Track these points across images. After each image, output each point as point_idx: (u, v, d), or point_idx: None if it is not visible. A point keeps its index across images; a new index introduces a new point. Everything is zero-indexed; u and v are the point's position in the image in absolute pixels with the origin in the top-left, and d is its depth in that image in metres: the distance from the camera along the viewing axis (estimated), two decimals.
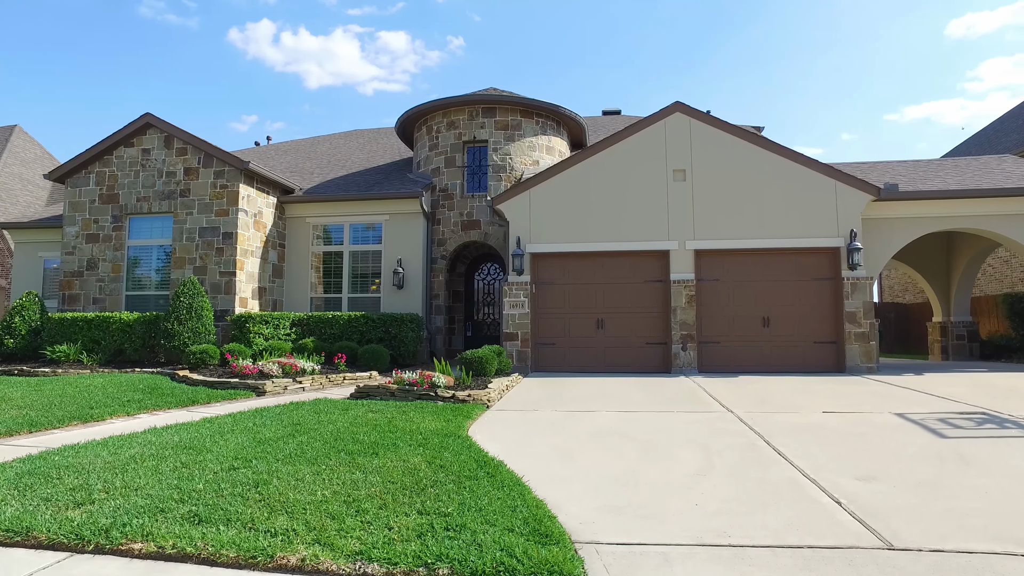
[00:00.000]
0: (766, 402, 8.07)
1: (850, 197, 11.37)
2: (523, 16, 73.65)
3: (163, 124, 13.66)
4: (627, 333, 11.94)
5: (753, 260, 11.72)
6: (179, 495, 3.93)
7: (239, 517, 3.57)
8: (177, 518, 3.57)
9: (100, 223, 13.83)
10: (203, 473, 4.43)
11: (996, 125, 21.87)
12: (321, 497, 3.92)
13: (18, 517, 3.56)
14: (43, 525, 3.46)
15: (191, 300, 11.90)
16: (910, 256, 14.57)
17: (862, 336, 11.03)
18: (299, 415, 6.86)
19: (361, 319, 12.73)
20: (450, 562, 3.04)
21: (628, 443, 5.82)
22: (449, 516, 3.63)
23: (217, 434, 5.80)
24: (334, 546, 3.23)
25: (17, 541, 3.38)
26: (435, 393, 8.13)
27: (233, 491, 4.01)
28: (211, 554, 3.18)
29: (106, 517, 3.57)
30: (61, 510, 3.72)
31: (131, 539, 3.32)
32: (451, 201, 14.84)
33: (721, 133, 11.89)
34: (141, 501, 3.84)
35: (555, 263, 12.21)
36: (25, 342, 12.45)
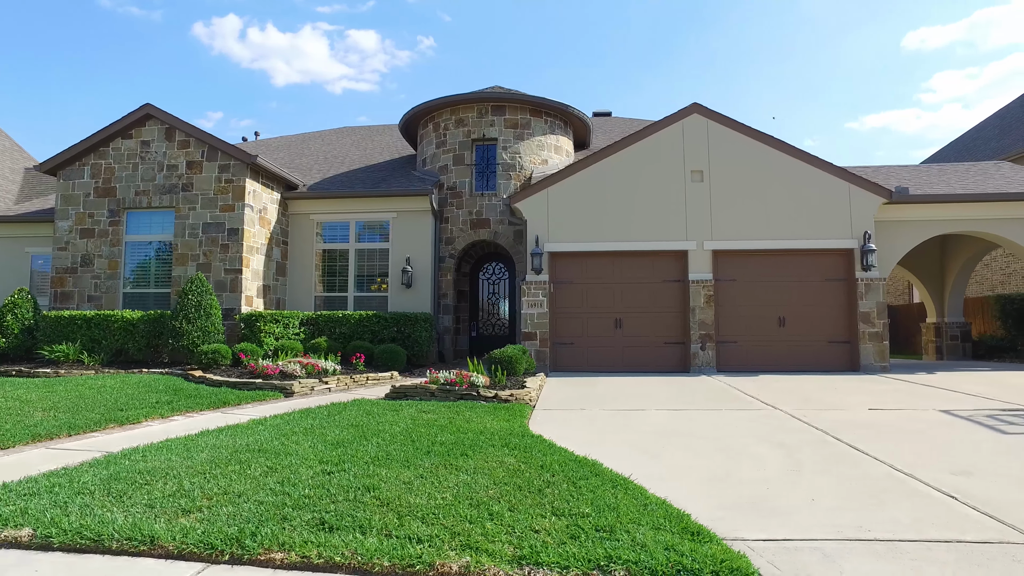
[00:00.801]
0: (806, 400, 8.18)
1: (863, 200, 11.65)
2: (493, 17, 73.55)
3: (164, 115, 13.17)
4: (645, 333, 11.99)
5: (768, 260, 11.91)
6: (291, 501, 3.75)
7: (371, 523, 3.41)
8: (305, 525, 3.39)
9: (95, 217, 13.25)
10: (299, 477, 4.24)
11: (973, 133, 22.73)
12: (442, 500, 3.79)
13: (135, 525, 3.34)
14: (166, 534, 3.25)
15: (199, 298, 11.49)
16: (905, 259, 14.98)
17: (876, 336, 11.30)
18: (351, 416, 6.66)
19: (373, 318, 12.49)
20: (624, 563, 2.95)
21: (700, 441, 5.82)
22: (588, 517, 3.54)
23: (282, 436, 5.58)
24: (490, 551, 3.11)
25: (142, 550, 3.17)
26: (477, 393, 8.01)
27: (346, 496, 3.84)
28: (363, 563, 3.02)
29: (227, 525, 3.37)
30: (172, 517, 3.50)
31: (268, 548, 3.13)
32: (459, 199, 14.69)
33: (737, 134, 12.04)
34: (253, 507, 3.64)
35: (573, 262, 12.19)
36: (18, 341, 11.84)
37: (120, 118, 13.30)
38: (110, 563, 3.07)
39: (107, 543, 3.20)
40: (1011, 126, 20.11)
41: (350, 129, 22.90)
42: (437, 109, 15.06)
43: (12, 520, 3.44)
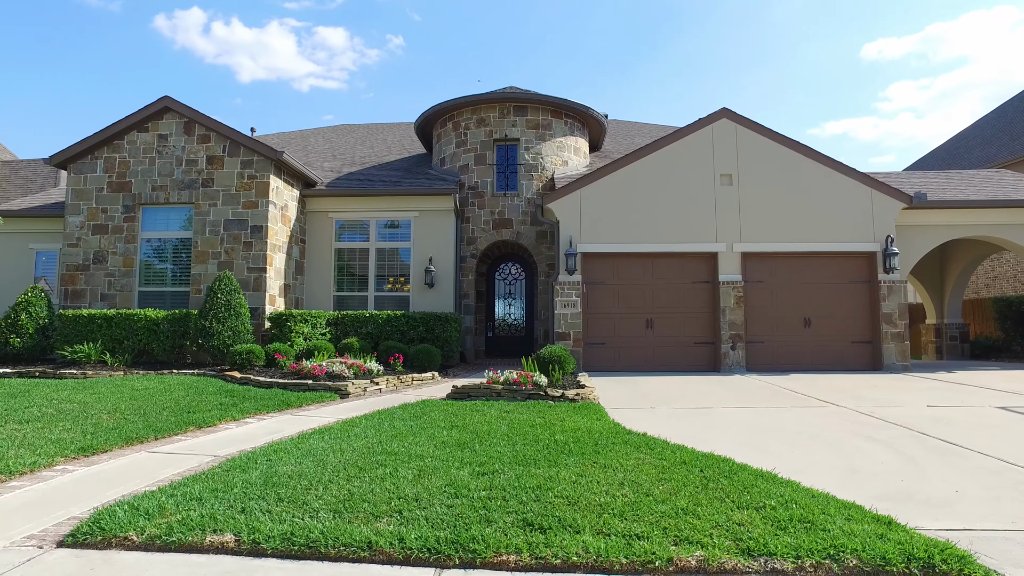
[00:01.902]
0: (857, 397, 8.46)
1: (885, 204, 12.09)
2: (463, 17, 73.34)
3: (184, 109, 12.79)
4: (676, 333, 12.19)
5: (794, 262, 12.25)
6: (479, 503, 3.71)
7: (576, 522, 3.42)
8: (510, 526, 3.38)
9: (109, 213, 12.78)
10: (459, 479, 4.20)
11: (954, 142, 23.77)
12: (623, 498, 3.82)
13: (343, 530, 3.27)
14: (382, 539, 3.20)
15: (228, 297, 11.21)
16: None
17: (898, 336, 11.75)
18: (437, 417, 6.62)
19: (401, 318, 12.37)
20: (852, 552, 3.05)
21: (796, 436, 5.98)
22: (775, 509, 3.62)
23: (392, 438, 5.51)
24: (712, 545, 3.15)
25: (362, 556, 3.11)
26: (545, 393, 8.03)
27: (528, 496, 3.84)
28: (601, 562, 3.03)
29: (433, 528, 3.34)
30: (369, 522, 3.44)
31: (497, 551, 3.12)
32: (481, 199, 14.66)
33: (764, 139, 12.35)
34: (444, 510, 3.60)
35: (605, 263, 12.31)
36: (33, 342, 11.34)
37: (136, 111, 12.87)
38: (337, 570, 3.01)
39: (322, 549, 3.14)
40: (993, 136, 21.11)
41: (350, 127, 22.59)
42: (457, 108, 15.00)
43: (206, 526, 3.34)
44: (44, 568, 3.02)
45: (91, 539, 3.27)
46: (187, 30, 68.21)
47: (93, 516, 3.47)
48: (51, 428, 6.03)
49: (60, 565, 3.03)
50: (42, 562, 3.08)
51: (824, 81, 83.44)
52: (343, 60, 73.26)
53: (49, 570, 2.98)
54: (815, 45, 71.89)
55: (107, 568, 2.99)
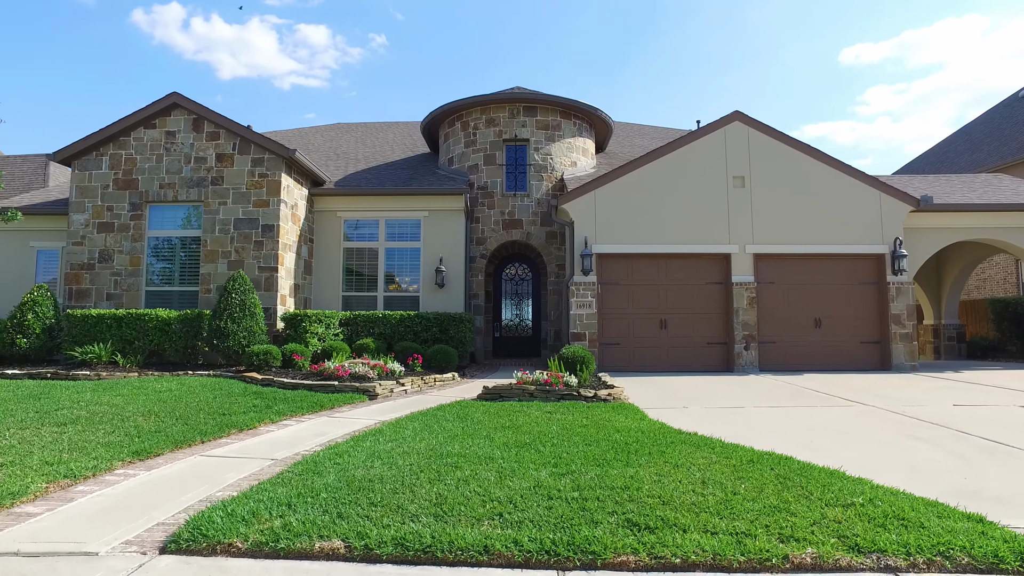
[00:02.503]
0: (881, 396, 8.62)
1: (893, 207, 12.33)
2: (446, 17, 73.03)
3: (192, 105, 12.57)
4: (689, 333, 12.31)
5: (804, 264, 12.44)
6: (569, 504, 3.72)
7: (679, 522, 3.45)
8: (617, 527, 3.39)
9: (115, 211, 12.51)
10: (537, 480, 4.19)
11: (942, 147, 24.32)
12: (713, 496, 3.85)
13: (456, 534, 3.25)
14: (498, 542, 3.19)
15: (243, 296, 11.05)
16: None
17: (906, 336, 12.00)
18: (483, 418, 6.60)
19: (415, 318, 12.31)
20: (960, 549, 3.11)
21: (843, 435, 6.07)
22: (864, 507, 3.66)
23: (451, 439, 5.49)
24: (818, 541, 3.21)
25: (481, 560, 3.09)
26: (578, 393, 8.06)
27: (617, 496, 3.85)
28: (718, 561, 3.05)
29: (540, 530, 3.34)
30: (473, 525, 3.42)
31: (616, 552, 3.13)
32: (491, 199, 14.65)
33: (776, 142, 12.52)
34: (543, 512, 3.59)
35: (619, 264, 12.38)
36: (40, 342, 11.06)
37: (143, 107, 12.62)
38: (458, 574, 2.99)
39: (438, 554, 3.12)
40: (981, 141, 21.66)
41: (348, 125, 22.39)
42: (467, 108, 14.96)
43: (311, 532, 3.30)
44: (152, 572, 2.96)
45: (195, 545, 3.21)
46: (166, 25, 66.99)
47: (191, 522, 3.40)
48: (92, 431, 5.90)
49: (173, 572, 2.97)
50: (154, 569, 3.02)
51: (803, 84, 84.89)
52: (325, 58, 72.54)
53: (166, 573, 2.92)
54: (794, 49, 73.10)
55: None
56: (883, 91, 78.40)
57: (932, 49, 72.28)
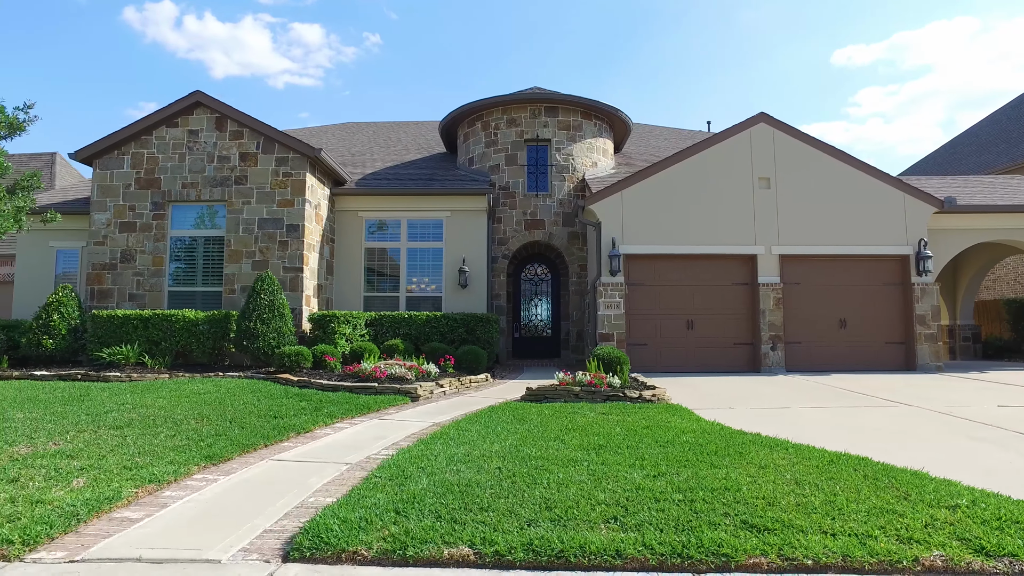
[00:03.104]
0: (920, 397, 8.67)
1: (917, 208, 12.42)
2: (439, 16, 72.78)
3: (216, 104, 12.46)
4: (715, 334, 12.34)
5: (829, 265, 12.50)
6: (679, 506, 3.69)
7: (791, 523, 3.43)
8: (736, 528, 3.36)
9: (137, 210, 12.38)
10: (635, 482, 4.15)
11: (948, 149, 24.54)
12: (814, 498, 3.83)
13: (585, 539, 3.22)
14: (630, 546, 3.17)
15: (271, 297, 10.97)
16: None
17: (931, 337, 12.09)
18: (540, 419, 6.58)
19: (441, 319, 12.26)
20: None
21: (901, 436, 6.08)
22: (970, 508, 3.65)
23: (523, 442, 5.46)
24: (938, 543, 3.20)
25: (615, 565, 3.06)
26: (623, 394, 8.06)
27: (722, 497, 3.83)
28: (848, 563, 3.03)
29: (665, 533, 3.31)
30: (590, 529, 3.39)
31: (749, 554, 3.11)
32: (513, 200, 14.62)
33: (801, 143, 12.58)
34: (657, 515, 3.55)
35: (646, 265, 12.39)
36: (66, 343, 10.92)
37: (165, 105, 12.51)
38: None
39: (572, 559, 3.09)
40: (989, 143, 21.87)
41: (359, 125, 22.28)
42: (487, 108, 14.93)
43: (434, 538, 3.26)
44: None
45: (319, 554, 3.17)
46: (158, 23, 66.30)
47: (308, 530, 3.35)
48: (153, 435, 5.82)
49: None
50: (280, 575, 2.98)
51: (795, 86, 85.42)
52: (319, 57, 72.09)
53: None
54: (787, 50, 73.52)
55: None
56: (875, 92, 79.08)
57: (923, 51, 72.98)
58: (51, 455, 5.02)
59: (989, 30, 70.97)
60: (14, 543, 3.29)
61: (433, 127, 21.25)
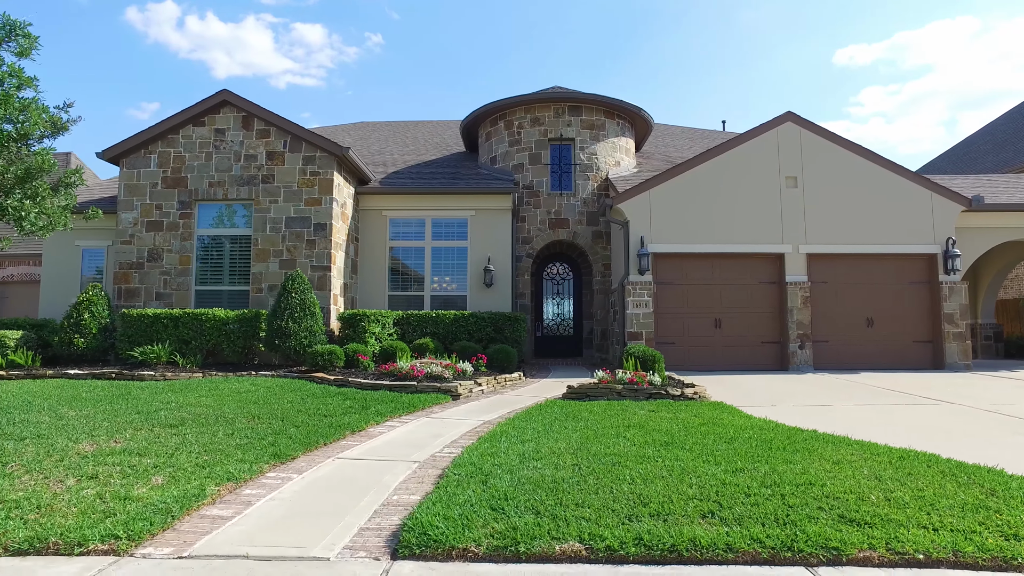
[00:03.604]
0: (959, 395, 8.66)
1: (944, 207, 12.42)
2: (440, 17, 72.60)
3: (242, 102, 12.45)
4: (743, 332, 12.34)
5: (856, 264, 12.50)
6: (771, 500, 3.69)
7: (887, 517, 3.42)
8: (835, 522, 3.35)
9: (164, 209, 12.37)
10: (717, 478, 4.14)
11: (963, 147, 24.55)
12: (904, 494, 3.81)
13: (696, 534, 3.22)
14: (742, 540, 3.16)
15: (302, 296, 10.96)
16: None
17: (959, 336, 12.09)
18: (592, 417, 6.57)
19: (469, 318, 12.26)
20: None
21: (957, 434, 6.08)
22: None
23: (587, 439, 5.45)
24: None
25: (727, 558, 3.07)
26: (666, 392, 8.05)
27: (811, 492, 3.82)
28: (959, 559, 3.03)
29: (766, 527, 3.30)
30: (689, 523, 3.38)
31: (858, 547, 3.11)
32: (537, 199, 14.62)
33: (828, 142, 12.58)
34: (749, 509, 3.56)
35: (673, 264, 12.39)
36: (96, 342, 10.91)
37: (192, 104, 12.50)
38: (713, 572, 2.97)
39: (684, 553, 3.10)
40: (1005, 141, 21.87)
41: (373, 124, 22.27)
42: (510, 107, 14.92)
43: (541, 534, 3.26)
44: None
45: (429, 551, 3.16)
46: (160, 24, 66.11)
47: (412, 528, 3.34)
48: (211, 434, 5.81)
49: (423, 575, 2.92)
50: (398, 573, 2.97)
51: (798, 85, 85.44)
52: (321, 58, 71.95)
53: None
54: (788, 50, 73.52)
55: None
56: (877, 92, 79.10)
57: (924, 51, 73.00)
58: (117, 452, 5.01)
59: (990, 30, 71.04)
60: (120, 538, 3.28)
61: (450, 126, 21.26)
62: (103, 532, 3.33)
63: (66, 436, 5.58)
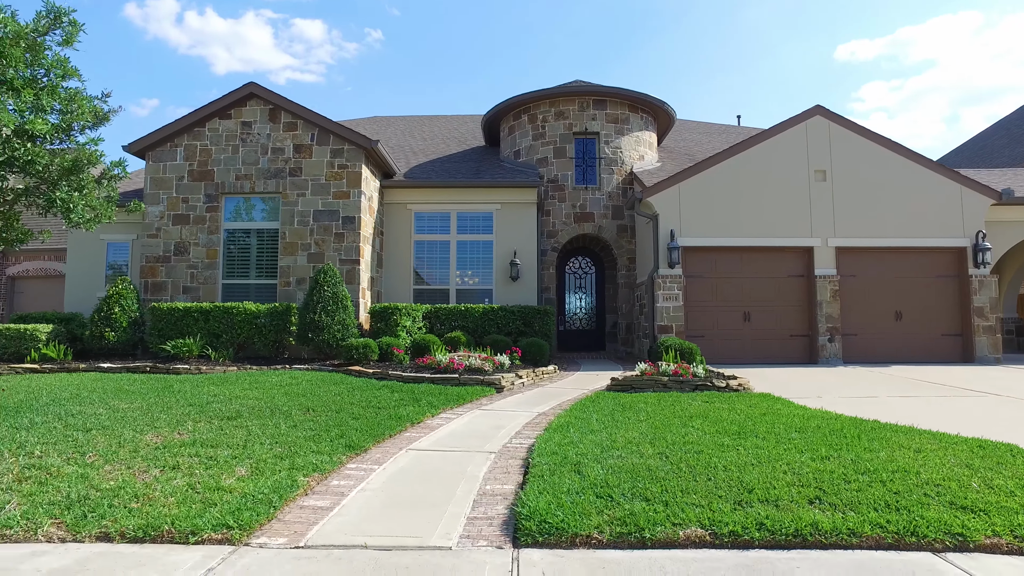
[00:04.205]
0: (1003, 388, 8.65)
1: (974, 200, 12.42)
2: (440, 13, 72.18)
3: (269, 95, 12.37)
4: (772, 325, 12.34)
5: (885, 257, 12.50)
6: (872, 488, 3.67)
7: (997, 504, 3.42)
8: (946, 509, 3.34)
9: (190, 203, 12.29)
10: (813, 466, 4.12)
11: (978, 141, 24.56)
12: (1008, 481, 3.81)
13: (812, 518, 3.21)
14: (866, 526, 3.15)
15: (334, 289, 10.91)
16: None
17: (989, 329, 12.10)
18: (649, 408, 6.54)
19: (499, 311, 12.22)
20: None
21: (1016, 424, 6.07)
22: None
23: (657, 428, 5.42)
24: None
25: (852, 543, 3.06)
26: (711, 383, 8.04)
27: (908, 479, 3.80)
28: None
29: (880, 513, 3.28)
30: (800, 509, 3.36)
31: (985, 534, 3.10)
32: (561, 192, 14.57)
33: (856, 136, 12.55)
34: (855, 495, 3.52)
35: (703, 257, 12.37)
36: (127, 335, 10.85)
37: (219, 97, 12.41)
38: (839, 557, 2.94)
39: (808, 537, 3.08)
40: (1021, 136, 21.88)
41: (386, 119, 22.17)
42: (534, 101, 14.87)
43: (662, 521, 3.23)
44: (537, 567, 2.87)
45: (552, 539, 3.13)
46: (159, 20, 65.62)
47: (528, 516, 3.31)
48: (273, 426, 5.76)
49: (555, 566, 2.89)
50: (530, 562, 2.94)
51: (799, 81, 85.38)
52: (321, 53, 71.51)
53: (554, 568, 2.84)
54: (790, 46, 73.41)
55: (619, 568, 2.86)
56: (879, 87, 79.09)
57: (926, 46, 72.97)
58: (188, 444, 4.97)
59: (992, 25, 71.02)
60: (232, 527, 3.25)
61: (465, 121, 21.18)
62: (213, 521, 3.30)
63: (130, 428, 5.55)
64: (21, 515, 3.40)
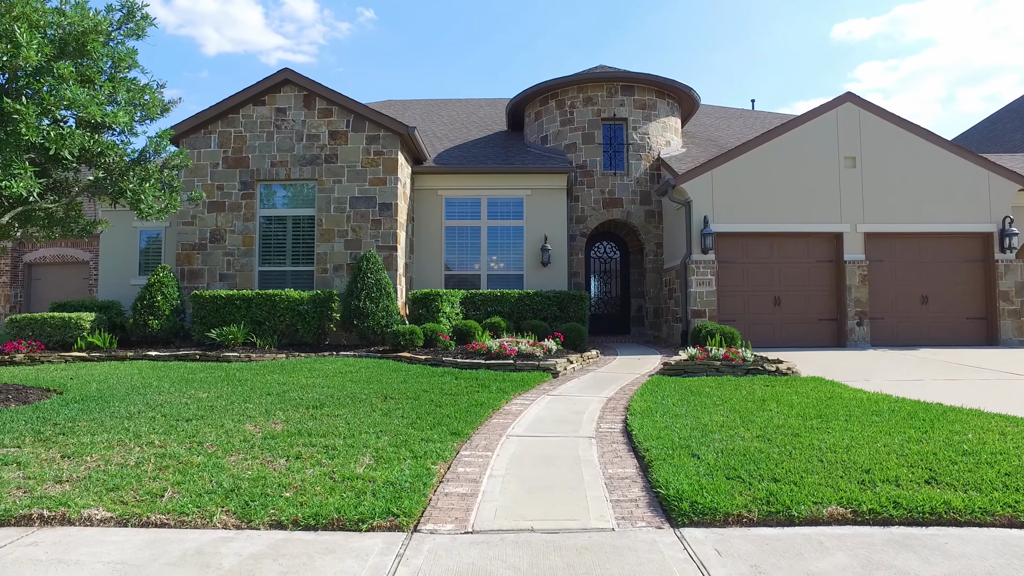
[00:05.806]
0: None
1: (1001, 186, 12.66)
2: None
3: (304, 81, 12.34)
4: (802, 310, 12.59)
5: (912, 242, 12.75)
6: (975, 468, 3.88)
7: None
8: None
9: (225, 190, 12.31)
10: (905, 448, 4.35)
11: (987, 124, 24.79)
12: None
13: (945, 498, 3.43)
14: (997, 505, 3.38)
15: (377, 276, 11.03)
16: None
17: (1014, 313, 12.42)
18: (711, 391, 6.76)
19: (535, 296, 12.39)
20: None
21: None
22: None
23: (735, 413, 5.63)
24: None
25: (985, 520, 3.28)
26: (762, 367, 8.28)
27: (1011, 460, 4.03)
28: None
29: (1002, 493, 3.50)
30: (932, 488, 3.58)
31: None
32: (590, 178, 14.68)
33: (886, 122, 12.71)
34: (968, 476, 3.75)
35: (734, 243, 12.56)
36: (170, 323, 10.94)
37: (253, 83, 12.36)
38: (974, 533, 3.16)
39: (944, 516, 3.29)
40: None
41: (401, 103, 22.06)
42: (562, 87, 14.90)
43: (803, 500, 3.43)
44: (705, 544, 3.07)
45: (706, 518, 3.34)
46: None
47: (679, 496, 3.51)
48: (365, 413, 5.91)
49: (721, 544, 3.09)
50: (695, 539, 3.14)
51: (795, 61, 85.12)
52: (313, 33, 70.43)
53: (722, 545, 3.03)
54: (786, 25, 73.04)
55: (780, 544, 3.07)
56: (875, 67, 78.99)
57: (924, 25, 72.81)
58: (293, 434, 5.07)
59: (991, 3, 70.94)
60: (398, 515, 3.41)
61: (482, 104, 21.14)
62: (379, 509, 3.45)
63: (225, 418, 5.67)
64: (190, 503, 3.56)
